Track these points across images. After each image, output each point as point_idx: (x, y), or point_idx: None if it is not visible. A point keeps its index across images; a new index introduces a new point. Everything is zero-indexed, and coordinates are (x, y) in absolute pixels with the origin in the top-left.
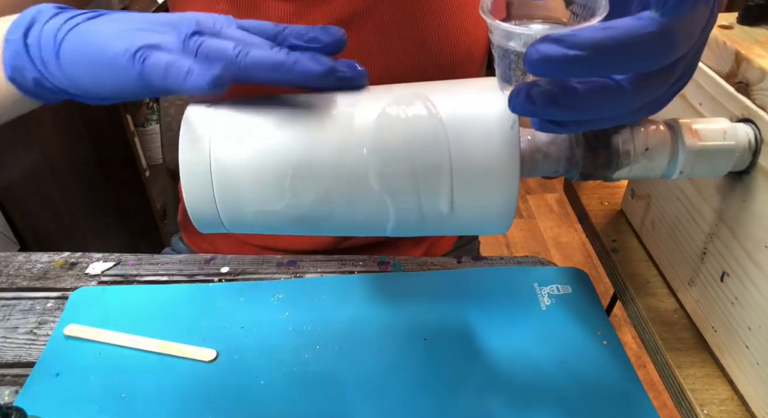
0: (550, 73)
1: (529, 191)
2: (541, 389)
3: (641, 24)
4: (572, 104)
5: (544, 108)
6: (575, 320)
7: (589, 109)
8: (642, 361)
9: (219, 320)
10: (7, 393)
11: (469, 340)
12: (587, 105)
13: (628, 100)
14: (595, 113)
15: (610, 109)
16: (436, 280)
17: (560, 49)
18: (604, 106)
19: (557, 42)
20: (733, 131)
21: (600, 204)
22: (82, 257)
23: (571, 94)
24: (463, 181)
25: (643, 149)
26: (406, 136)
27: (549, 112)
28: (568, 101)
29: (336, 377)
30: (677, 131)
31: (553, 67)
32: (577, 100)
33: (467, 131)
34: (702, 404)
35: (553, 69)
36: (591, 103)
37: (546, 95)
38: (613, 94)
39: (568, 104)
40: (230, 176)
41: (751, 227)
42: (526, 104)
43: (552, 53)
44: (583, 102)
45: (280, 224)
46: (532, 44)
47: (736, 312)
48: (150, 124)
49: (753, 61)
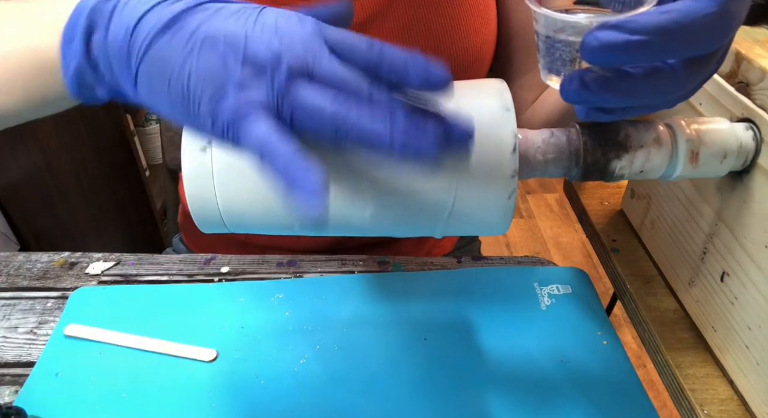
0: (610, 59)
1: (529, 191)
2: (541, 389)
3: (701, 5)
4: (627, 90)
5: (600, 94)
6: (575, 320)
7: (643, 94)
8: (642, 361)
9: (219, 320)
10: (7, 393)
11: (469, 340)
12: (641, 90)
13: (680, 84)
14: (648, 99)
15: (663, 94)
16: (436, 280)
17: (621, 35)
18: (657, 91)
19: (616, 28)
20: (733, 131)
21: (600, 204)
22: (82, 256)
23: (626, 80)
24: (463, 181)
25: (643, 150)
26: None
27: (603, 99)
28: (624, 87)
29: (336, 377)
30: (677, 131)
31: (614, 54)
32: (632, 86)
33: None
34: (702, 404)
35: (614, 55)
36: (645, 88)
37: (601, 81)
38: (667, 78)
39: (624, 90)
40: (232, 176)
41: (751, 227)
42: (581, 91)
43: (612, 40)
44: (638, 87)
45: (281, 224)
46: (590, 32)
47: (736, 312)
48: (150, 124)
49: (753, 61)
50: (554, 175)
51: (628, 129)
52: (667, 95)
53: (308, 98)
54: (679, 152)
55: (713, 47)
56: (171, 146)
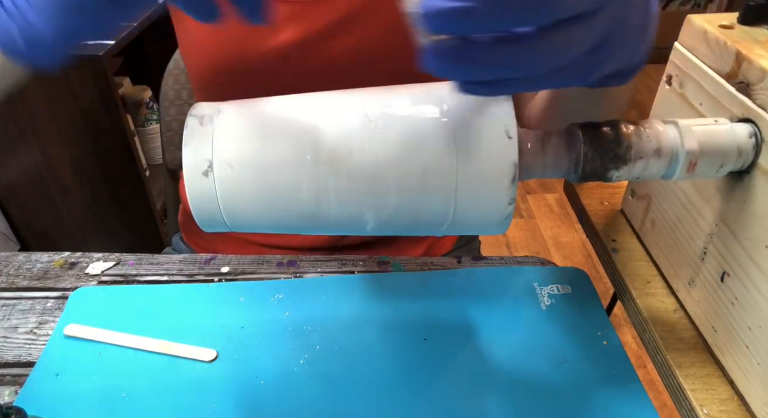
0: (444, 28)
1: (529, 191)
2: (541, 389)
3: None
4: (479, 57)
5: (452, 62)
6: (575, 320)
7: (498, 62)
8: (642, 361)
9: (219, 320)
10: (7, 393)
11: (469, 340)
12: (495, 57)
13: (538, 54)
14: (507, 69)
15: (522, 64)
16: (436, 280)
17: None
18: (513, 59)
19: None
20: (734, 140)
21: (600, 204)
22: (82, 256)
23: (477, 47)
24: (464, 182)
25: (642, 161)
26: (418, 137)
27: (458, 67)
28: (474, 54)
29: (336, 377)
30: (677, 131)
31: (446, 22)
32: (483, 52)
33: (470, 133)
34: (702, 404)
35: (447, 23)
36: (497, 54)
37: (453, 50)
38: (518, 44)
39: (475, 57)
40: (233, 176)
41: (751, 227)
42: (435, 60)
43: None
44: (490, 54)
45: (281, 224)
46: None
47: (736, 312)
48: (150, 124)
49: (753, 61)
50: (554, 176)
51: (632, 139)
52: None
53: None
54: (678, 163)
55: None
56: (171, 146)
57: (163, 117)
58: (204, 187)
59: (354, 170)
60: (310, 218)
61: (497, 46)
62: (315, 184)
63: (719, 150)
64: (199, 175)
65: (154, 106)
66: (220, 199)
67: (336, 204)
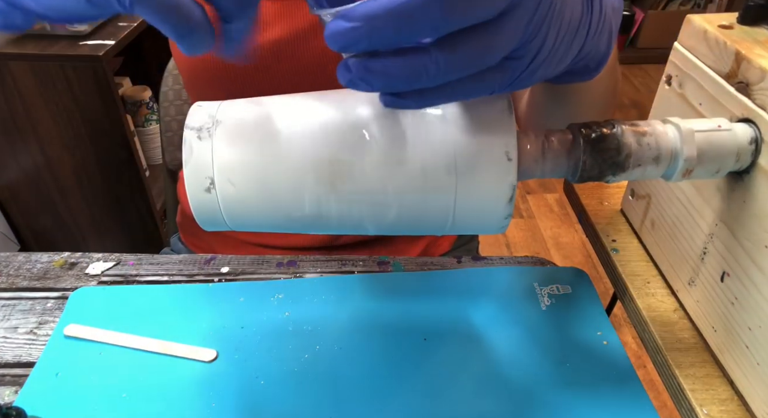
0: (343, 47)
1: (529, 191)
2: (541, 389)
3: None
4: (382, 69)
5: (359, 74)
6: (575, 320)
7: (401, 74)
8: (642, 361)
9: (219, 320)
10: (7, 393)
11: (469, 340)
12: (397, 69)
13: (440, 64)
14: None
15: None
16: (436, 280)
17: (342, 23)
18: (415, 70)
19: (343, 17)
20: (734, 138)
21: (600, 204)
22: (82, 257)
23: (379, 60)
24: (463, 199)
25: (640, 168)
26: (418, 137)
27: (365, 79)
28: (378, 66)
29: (336, 377)
30: (678, 138)
31: (343, 42)
32: (386, 65)
33: (470, 133)
34: (702, 404)
35: (344, 43)
36: (400, 67)
37: (358, 63)
38: (419, 56)
39: (379, 69)
40: (235, 192)
41: (751, 227)
42: (345, 73)
43: (336, 29)
44: (392, 66)
45: (284, 227)
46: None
47: (736, 312)
48: (150, 124)
49: (753, 60)
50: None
51: (632, 147)
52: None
53: None
54: (675, 170)
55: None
56: (171, 146)
57: (162, 117)
58: (207, 201)
59: (355, 189)
60: (311, 225)
61: (396, 57)
62: (316, 200)
63: (718, 157)
64: (201, 191)
65: (154, 107)
66: (223, 211)
67: (337, 215)
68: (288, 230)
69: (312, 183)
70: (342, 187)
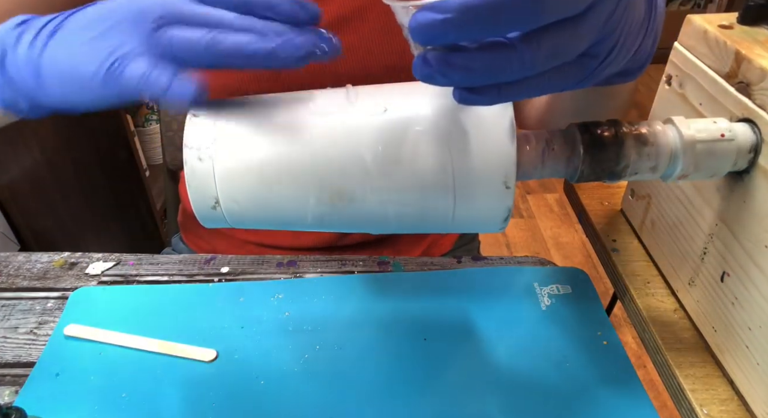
0: (431, 39)
1: (529, 191)
2: (541, 389)
3: None
4: (464, 63)
5: (439, 68)
6: (575, 320)
7: (484, 68)
8: (642, 361)
9: (219, 320)
10: (7, 393)
11: (469, 340)
12: (480, 64)
13: (524, 59)
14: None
15: (508, 69)
16: (436, 280)
17: (432, 15)
18: (498, 65)
19: (431, 9)
20: (733, 131)
21: (600, 204)
22: (82, 257)
23: (462, 55)
24: (460, 218)
25: (637, 176)
26: (419, 162)
27: (445, 73)
28: (459, 60)
29: (336, 378)
30: (676, 131)
31: (431, 33)
32: (468, 59)
33: (467, 134)
34: (702, 404)
35: (432, 35)
36: (483, 61)
37: (439, 57)
38: (504, 51)
39: (460, 63)
40: (236, 196)
41: (751, 227)
42: (424, 67)
43: (425, 20)
44: (475, 60)
45: (279, 221)
46: (412, 15)
47: (736, 312)
48: (150, 124)
49: (753, 60)
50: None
51: (631, 157)
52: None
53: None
54: (679, 153)
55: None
56: (171, 146)
57: (163, 117)
58: (214, 215)
59: (355, 208)
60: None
61: (482, 51)
62: (319, 215)
63: (715, 165)
64: (208, 208)
65: (154, 106)
66: (229, 221)
67: (339, 225)
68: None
69: (314, 203)
70: (342, 206)
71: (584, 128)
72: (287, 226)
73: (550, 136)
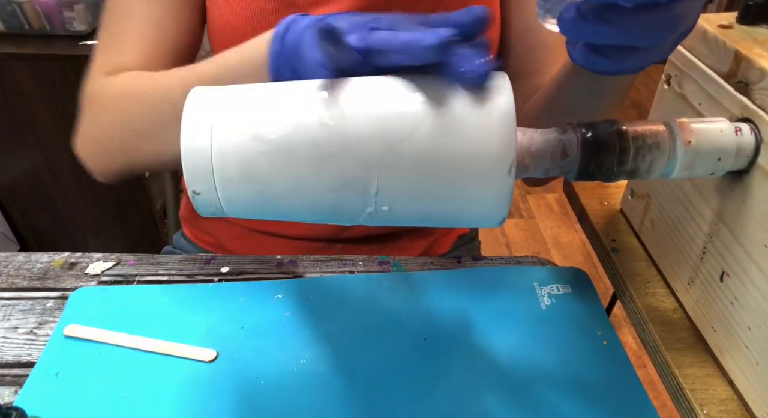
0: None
1: (529, 191)
2: (541, 389)
3: None
4: (619, 22)
5: (595, 24)
6: (575, 320)
7: (635, 28)
8: (642, 361)
9: (219, 320)
10: (7, 393)
11: (469, 340)
12: (636, 23)
13: (672, 23)
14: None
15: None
16: (436, 280)
17: None
18: (648, 26)
19: None
20: (732, 131)
21: (600, 204)
22: (82, 257)
23: (618, 12)
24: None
25: (636, 172)
26: (410, 127)
27: (598, 30)
28: (616, 18)
29: (336, 378)
30: (676, 131)
31: None
32: (623, 18)
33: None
34: (702, 404)
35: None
36: (639, 21)
37: (596, 11)
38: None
39: (616, 21)
40: (230, 162)
41: (751, 227)
42: (578, 20)
43: None
44: (629, 20)
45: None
46: None
47: (736, 312)
48: None
49: (753, 60)
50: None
51: (630, 156)
52: (659, 33)
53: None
54: (678, 152)
55: None
56: None
57: None
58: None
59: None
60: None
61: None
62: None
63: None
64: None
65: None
66: (227, 212)
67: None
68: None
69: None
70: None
71: (583, 126)
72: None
73: (550, 133)
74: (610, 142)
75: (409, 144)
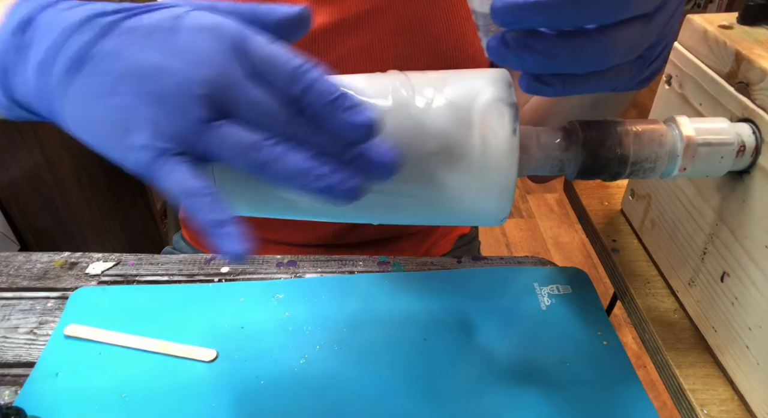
0: (515, 21)
1: (529, 191)
2: (541, 389)
3: None
4: (543, 49)
5: (517, 51)
6: (575, 320)
7: (562, 56)
8: (642, 361)
9: (219, 320)
10: (7, 393)
11: (469, 340)
12: (558, 50)
13: (601, 50)
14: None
15: (585, 60)
16: (436, 280)
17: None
18: (576, 54)
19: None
20: (732, 131)
21: (600, 204)
22: (82, 257)
23: (542, 39)
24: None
25: (642, 149)
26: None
27: (521, 56)
28: (539, 45)
29: (336, 378)
30: (676, 130)
31: (518, 15)
32: (547, 45)
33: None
34: (702, 404)
35: (517, 16)
36: (562, 48)
37: (519, 40)
38: (583, 39)
39: (540, 48)
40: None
41: (751, 227)
42: (500, 47)
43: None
44: (554, 46)
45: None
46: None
47: (736, 312)
48: None
49: (753, 61)
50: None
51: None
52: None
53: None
54: (679, 152)
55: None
56: None
57: None
58: None
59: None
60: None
61: (563, 39)
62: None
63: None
64: None
65: None
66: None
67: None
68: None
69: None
70: None
71: (584, 126)
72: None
73: (551, 132)
74: (610, 142)
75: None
